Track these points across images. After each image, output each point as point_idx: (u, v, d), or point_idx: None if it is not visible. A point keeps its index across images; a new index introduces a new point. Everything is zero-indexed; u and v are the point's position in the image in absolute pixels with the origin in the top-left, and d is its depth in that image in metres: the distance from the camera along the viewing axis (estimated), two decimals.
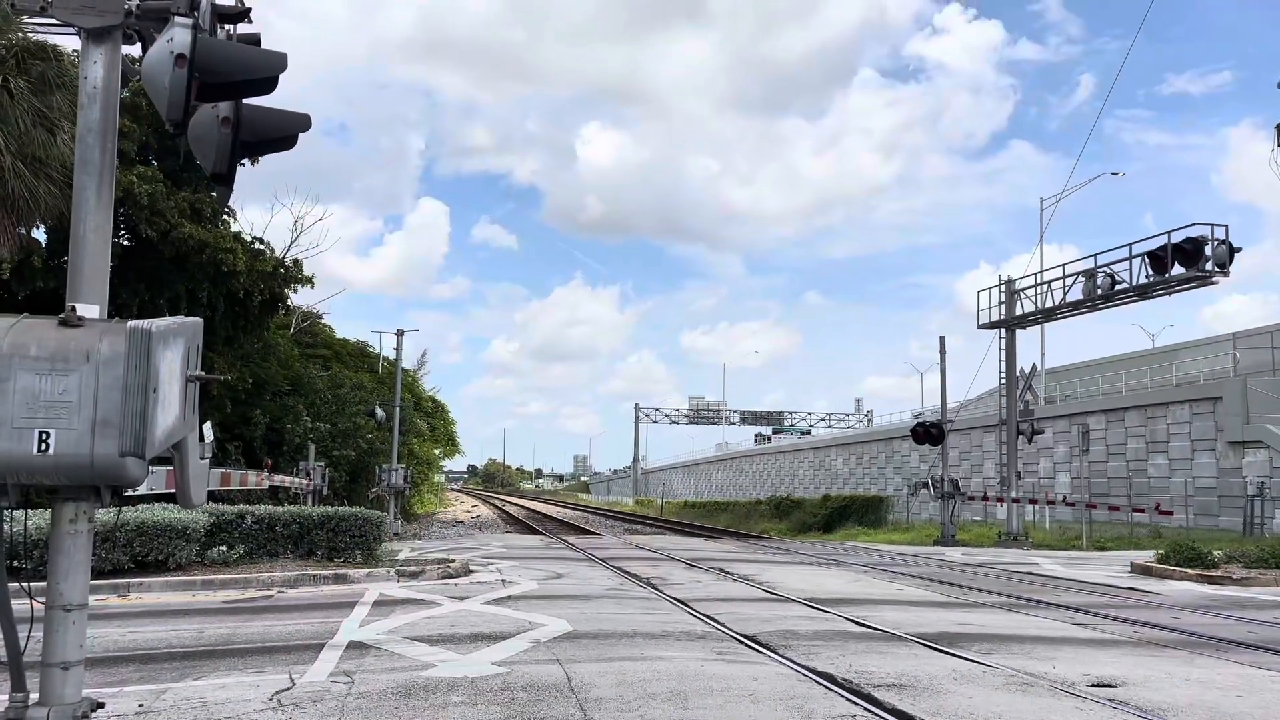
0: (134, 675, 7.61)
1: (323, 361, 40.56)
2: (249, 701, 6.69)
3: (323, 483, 26.93)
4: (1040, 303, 30.80)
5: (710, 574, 17.06)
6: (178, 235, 23.65)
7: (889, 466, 59.81)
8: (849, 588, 15.22)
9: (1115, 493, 37.99)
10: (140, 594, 12.71)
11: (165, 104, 3.94)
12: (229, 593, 13.03)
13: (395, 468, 33.61)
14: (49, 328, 3.90)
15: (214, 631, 9.83)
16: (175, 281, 24.30)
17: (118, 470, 3.76)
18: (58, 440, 3.76)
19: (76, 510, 4.07)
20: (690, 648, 9.02)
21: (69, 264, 4.31)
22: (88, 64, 4.24)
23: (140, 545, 13.49)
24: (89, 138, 4.27)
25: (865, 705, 6.75)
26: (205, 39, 4.01)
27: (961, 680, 7.69)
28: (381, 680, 7.37)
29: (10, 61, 16.79)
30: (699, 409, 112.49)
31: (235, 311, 26.45)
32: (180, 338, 3.92)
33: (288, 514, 15.67)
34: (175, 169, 25.65)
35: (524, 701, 6.68)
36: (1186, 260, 24.75)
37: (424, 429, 54.55)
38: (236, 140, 4.49)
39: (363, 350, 48.59)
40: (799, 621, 10.98)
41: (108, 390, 3.77)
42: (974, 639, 9.91)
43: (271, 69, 4.19)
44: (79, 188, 4.30)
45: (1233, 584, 16.75)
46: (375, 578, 14.49)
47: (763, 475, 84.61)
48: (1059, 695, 7.23)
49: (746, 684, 7.36)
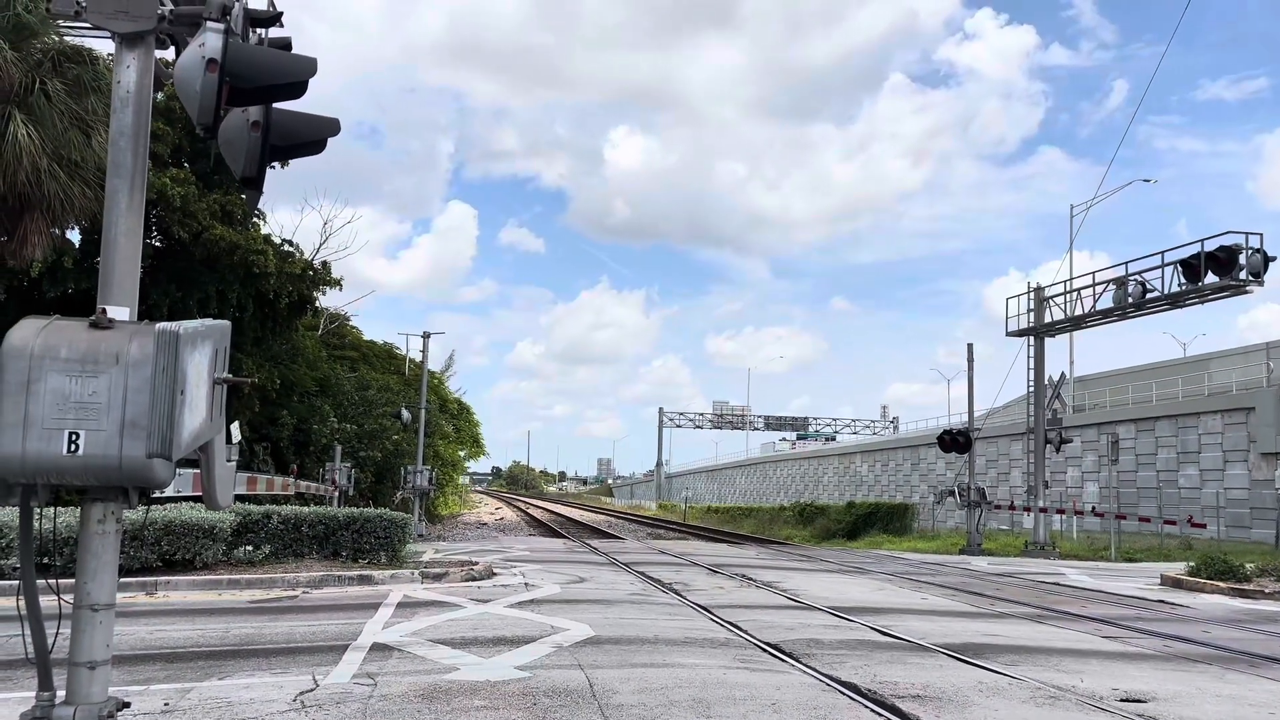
0: (160, 674, 7.66)
1: (350, 363, 40.81)
2: (273, 702, 6.72)
3: (349, 484, 27.08)
4: (1070, 310, 30.52)
5: (733, 580, 17.00)
6: (209, 237, 23.88)
7: (914, 474, 59.43)
8: (873, 596, 15.12)
9: (1145, 503, 37.54)
10: (167, 592, 12.82)
11: (196, 108, 3.97)
12: (254, 592, 13.11)
13: (420, 469, 33.76)
14: (80, 329, 3.93)
15: (239, 631, 9.89)
16: (206, 282, 24.54)
17: (145, 472, 3.79)
18: (87, 441, 3.79)
19: (105, 511, 4.10)
20: (713, 655, 8.98)
21: (100, 266, 4.35)
22: (121, 69, 4.27)
23: (168, 544, 13.61)
24: (121, 141, 4.30)
25: (889, 716, 6.69)
26: (236, 44, 4.04)
27: (987, 693, 7.60)
28: (404, 683, 7.38)
29: (47, 65, 17.01)
30: (723, 414, 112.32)
31: (264, 313, 26.68)
32: (208, 340, 3.94)
33: (313, 515, 15.76)
34: (207, 171, 25.91)
35: (546, 706, 6.67)
36: (1220, 269, 24.45)
37: (449, 431, 54.81)
38: (266, 144, 4.51)
39: (390, 352, 48.88)
40: (823, 630, 10.91)
41: (136, 392, 3.79)
42: (1000, 650, 9.81)
43: (301, 74, 4.21)
44: (111, 191, 4.34)
45: (1266, 598, 16.50)
46: (399, 579, 14.54)
47: (787, 481, 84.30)
48: (1087, 710, 7.13)
49: (769, 693, 7.31)
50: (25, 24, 16.73)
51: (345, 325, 44.65)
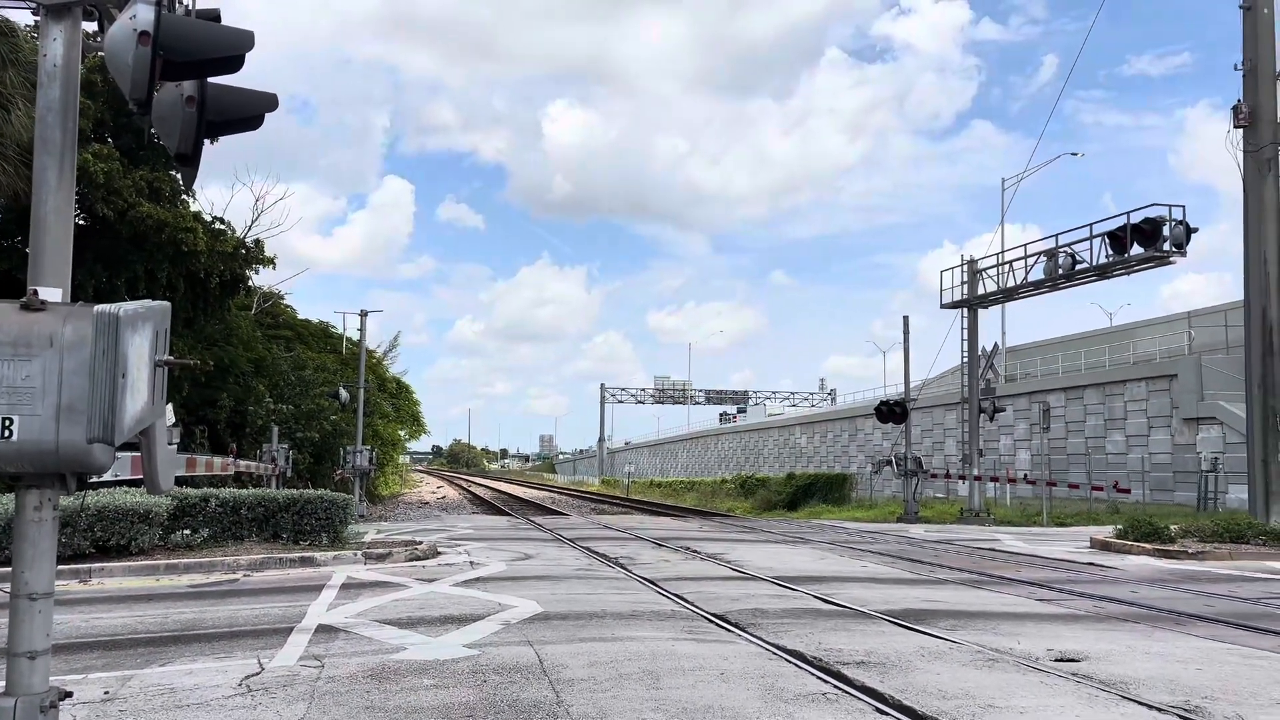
0: (98, 662, 7.51)
1: (285, 343, 40.12)
2: (217, 687, 6.63)
3: (287, 465, 26.69)
4: (1002, 282, 31.12)
5: (678, 553, 17.14)
6: (136, 215, 23.24)
7: (852, 445, 60.35)
8: (815, 565, 15.36)
9: (1075, 469, 38.59)
10: (102, 579, 12.55)
11: (129, 83, 3.85)
12: (193, 576, 12.90)
13: (360, 449, 33.39)
14: (10, 311, 3.81)
15: (179, 616, 9.73)
16: (134, 262, 23.89)
17: (84, 457, 3.70)
18: (21, 427, 3.69)
19: (41, 498, 3.99)
20: (661, 627, 9.06)
21: (30, 246, 4.22)
22: (47, 41, 4.13)
23: (101, 530, 13.31)
24: (49, 117, 4.17)
25: (835, 683, 6.82)
26: (170, 16, 3.92)
27: (929, 657, 7.79)
28: (351, 664, 7.34)
29: None
30: (665, 389, 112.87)
31: (195, 293, 26.08)
32: (149, 322, 3.85)
33: (252, 497, 15.52)
34: (132, 147, 25.16)
35: (496, 684, 6.68)
36: (1145, 240, 25.10)
37: (388, 410, 54.24)
38: (202, 120, 4.40)
39: (326, 331, 48.14)
40: (767, 600, 11.07)
41: (72, 375, 3.70)
42: (940, 616, 10.04)
43: (238, 47, 4.10)
44: (39, 169, 4.20)
45: (1189, 558, 17.10)
46: (342, 560, 14.41)
47: (728, 454, 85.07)
48: (1024, 671, 7.34)
49: (717, 663, 7.41)
50: None
51: (279, 304, 43.85)
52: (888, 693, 6.53)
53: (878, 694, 6.52)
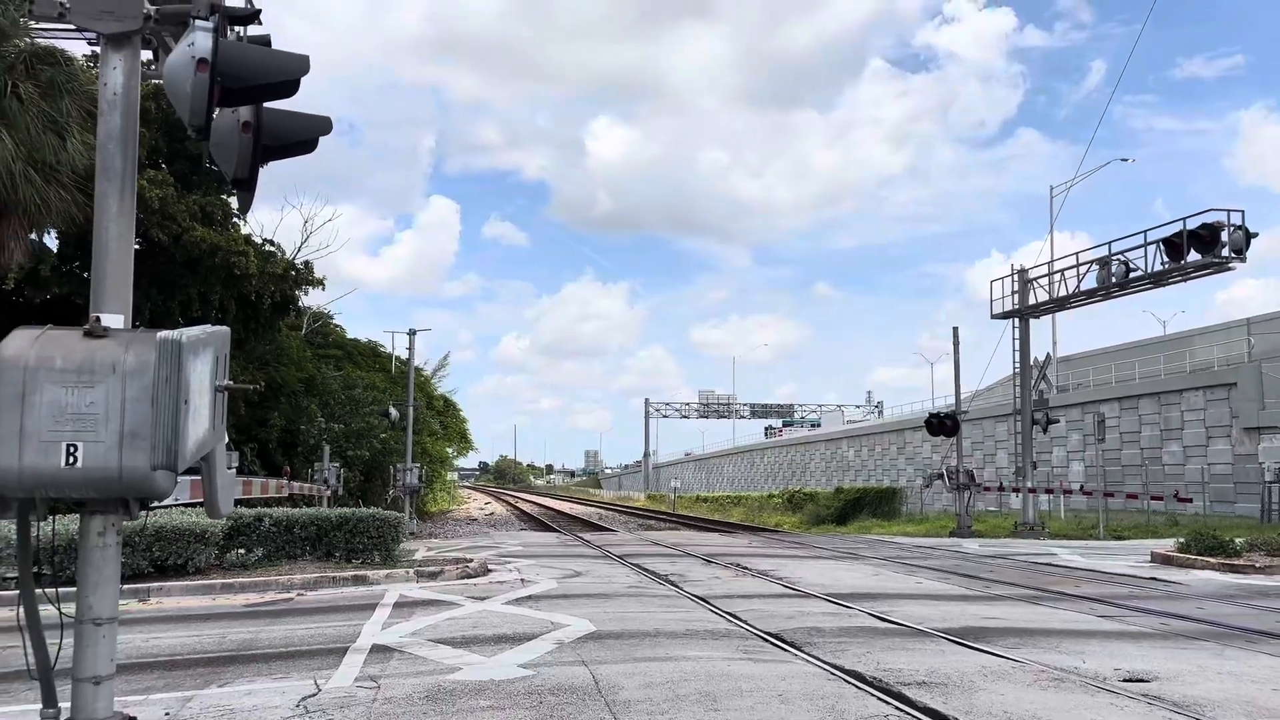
0: (159, 682, 7.57)
1: (335, 362, 40.58)
2: (276, 708, 6.65)
3: (338, 483, 26.93)
4: (1053, 292, 30.62)
5: (728, 570, 16.99)
6: (189, 239, 23.66)
7: (901, 458, 59.67)
8: (869, 582, 15.14)
9: (1130, 481, 37.79)
10: (161, 599, 12.69)
11: (187, 110, 3.88)
12: (249, 596, 13.00)
13: (410, 467, 33.61)
14: (74, 339, 3.84)
15: (236, 636, 9.80)
16: (187, 285, 24.32)
17: (147, 483, 3.71)
18: (85, 453, 3.71)
19: (105, 523, 4.02)
20: (715, 647, 8.95)
21: (92, 273, 4.26)
22: (107, 70, 4.17)
23: (159, 549, 13.48)
24: (110, 145, 4.21)
25: (897, 705, 6.68)
26: (227, 43, 3.95)
27: (992, 677, 7.60)
28: (407, 685, 7.32)
29: (19, 67, 16.76)
30: (709, 403, 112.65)
31: (247, 314, 26.48)
32: (210, 347, 3.86)
33: (305, 516, 15.65)
34: (185, 172, 25.65)
35: (552, 705, 6.63)
36: (1202, 246, 24.55)
37: (436, 428, 54.61)
38: (258, 145, 4.42)
39: (374, 350, 48.63)
40: (822, 618, 10.91)
41: (135, 402, 3.71)
42: (1000, 633, 9.83)
43: (293, 72, 4.12)
44: (100, 195, 4.24)
45: (1256, 572, 16.62)
46: (394, 579, 14.46)
47: (774, 468, 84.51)
48: (1092, 691, 7.14)
49: (775, 684, 7.29)
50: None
51: (329, 324, 44.40)
52: (951, 715, 6.38)
53: (941, 716, 6.36)
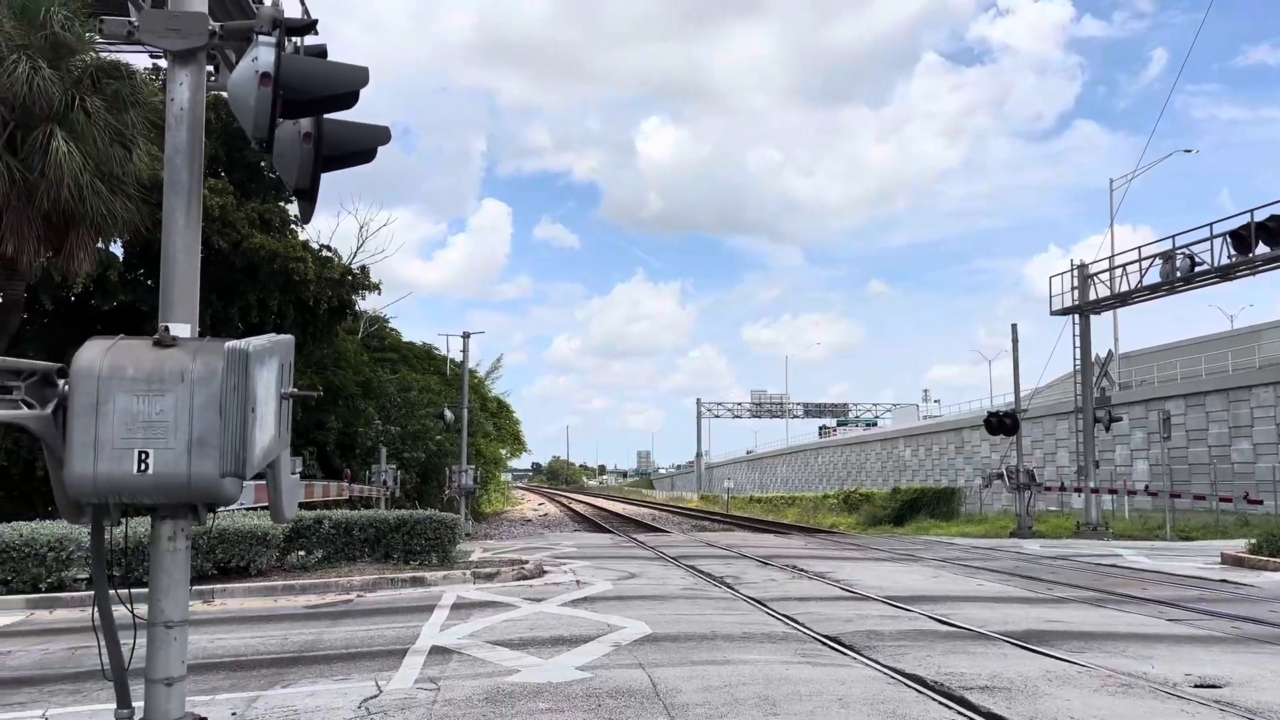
0: (225, 683, 7.72)
1: (391, 365, 41.09)
2: (338, 709, 6.75)
3: (395, 485, 27.27)
4: (1115, 287, 30.03)
5: (784, 571, 16.90)
6: (249, 245, 24.10)
7: (959, 457, 58.88)
8: (928, 584, 14.96)
9: (1197, 480, 36.90)
10: (224, 600, 12.95)
11: (251, 123, 3.96)
12: (310, 597, 13.21)
13: (465, 468, 33.91)
14: (144, 348, 3.93)
15: (298, 637, 9.96)
16: (247, 291, 24.76)
17: (215, 489, 3.79)
18: (156, 460, 3.80)
19: (175, 528, 4.11)
20: (773, 650, 8.91)
21: (161, 283, 4.35)
22: (174, 86, 4.27)
23: (222, 552, 13.75)
24: (177, 159, 4.30)
25: (960, 709, 6.59)
26: (289, 56, 4.02)
27: (1056, 682, 7.47)
28: (467, 687, 7.38)
29: (85, 82, 17.20)
30: (761, 402, 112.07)
31: (305, 319, 26.88)
32: (275, 356, 3.93)
33: (364, 518, 15.86)
34: (244, 180, 26.14)
35: (611, 708, 6.64)
36: (1271, 239, 23.89)
37: (490, 429, 55.08)
38: (319, 155, 4.49)
39: (429, 353, 49.14)
40: (881, 621, 10.80)
41: (202, 409, 3.79)
42: (1064, 637, 9.65)
43: (353, 84, 4.18)
44: (168, 209, 4.34)
45: None
46: (451, 580, 14.60)
47: (829, 468, 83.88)
48: (1161, 697, 6.98)
49: (835, 688, 7.23)
50: (63, 42, 16.92)
51: (385, 328, 44.95)
52: None
53: None
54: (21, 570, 12.63)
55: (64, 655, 9.15)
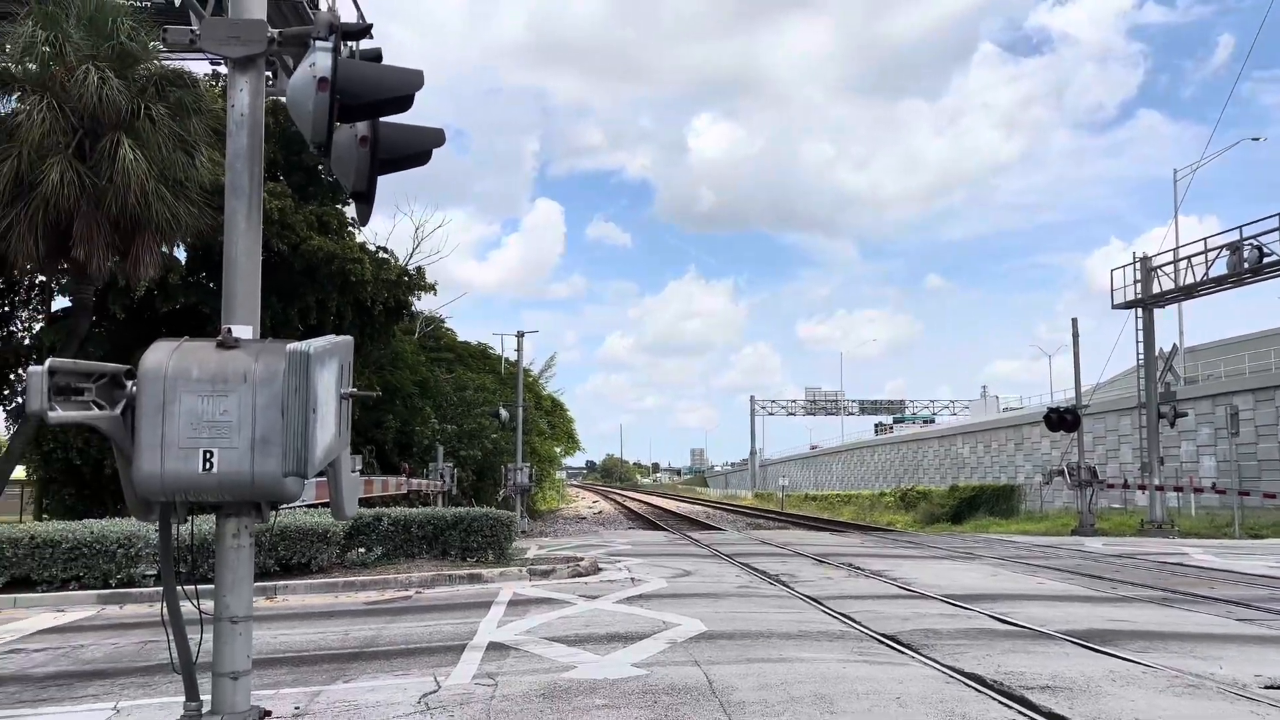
0: (288, 678, 7.87)
1: (447, 364, 41.52)
2: (398, 704, 6.84)
3: (451, 482, 27.56)
4: (1179, 280, 29.35)
5: (840, 570, 16.78)
6: (307, 248, 24.49)
7: (1019, 454, 57.94)
8: (987, 582, 14.76)
9: (1269, 476, 35.91)
10: (286, 596, 13.19)
11: (309, 127, 4.03)
12: (369, 594, 13.41)
13: (520, 466, 34.15)
14: (208, 350, 4.03)
15: (359, 633, 10.11)
16: (305, 292, 25.16)
17: (278, 487, 3.87)
18: (220, 459, 3.89)
19: (238, 525, 4.20)
20: (829, 648, 8.86)
21: (223, 286, 4.45)
22: (234, 92, 4.36)
23: (284, 549, 14.01)
24: (238, 164, 4.40)
25: (1020, 709, 6.49)
26: (346, 61, 4.09)
27: (1121, 682, 7.33)
28: (524, 682, 7.45)
29: (150, 90, 17.61)
30: (816, 399, 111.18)
31: (362, 320, 27.27)
32: (335, 357, 4.00)
33: (422, 515, 16.06)
34: (302, 183, 26.59)
35: (667, 705, 6.65)
36: None
37: (544, 427, 55.40)
38: (375, 159, 4.56)
39: (484, 352, 49.56)
40: (939, 619, 10.68)
41: (265, 409, 3.87)
42: (1128, 636, 9.46)
43: (408, 87, 4.24)
44: (230, 212, 4.43)
45: None
46: (508, 577, 14.72)
47: (885, 466, 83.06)
48: (1230, 699, 6.82)
49: (892, 686, 7.17)
50: (129, 51, 17.35)
51: (440, 328, 45.42)
52: None
53: None
54: (93, 567, 12.99)
55: (134, 649, 9.39)
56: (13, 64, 17.28)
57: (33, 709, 7.05)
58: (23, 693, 7.60)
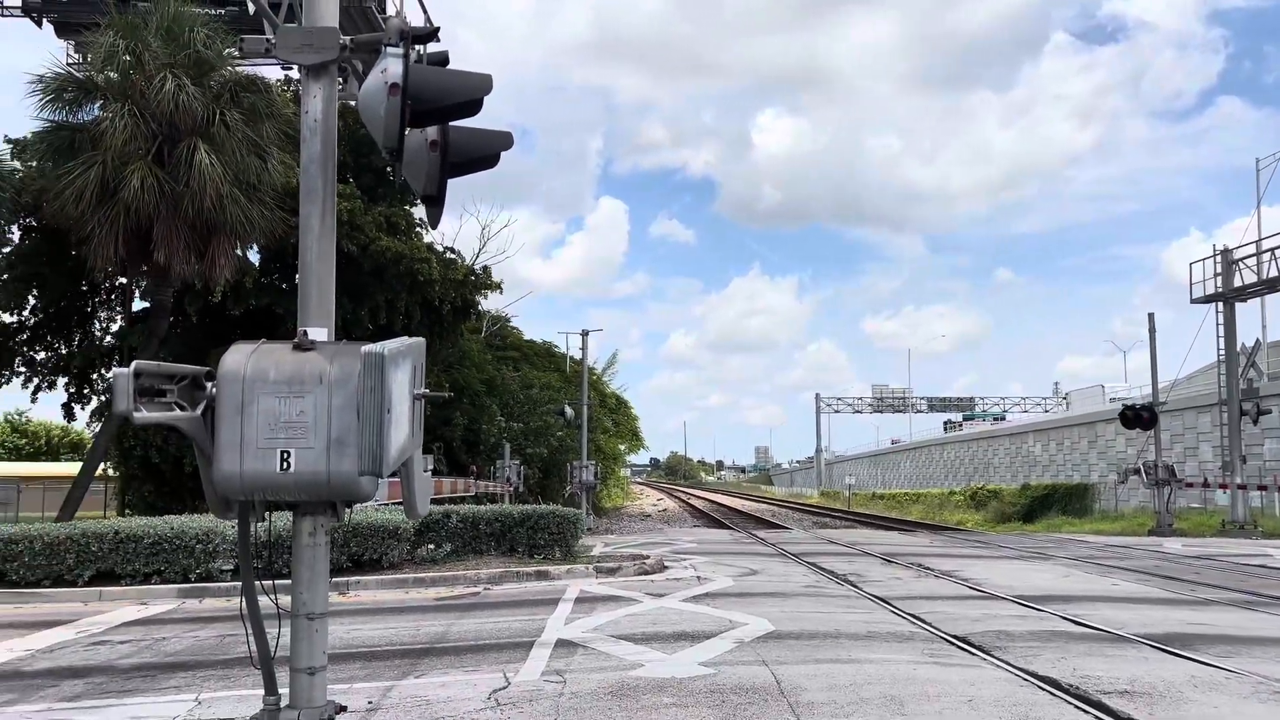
0: (360, 672, 8.02)
1: (512, 363, 41.90)
2: (468, 700, 6.92)
3: (519, 480, 27.81)
4: (1262, 273, 28.45)
5: (909, 570, 16.57)
6: (376, 248, 24.89)
7: (1092, 452, 56.60)
8: (1060, 583, 14.46)
9: None
10: (358, 592, 13.43)
11: (381, 132, 4.10)
12: (439, 590, 13.59)
13: (586, 464, 34.33)
14: (285, 352, 4.12)
15: (429, 629, 10.26)
16: (375, 292, 25.57)
17: (353, 487, 3.94)
18: (297, 459, 3.97)
19: (314, 524, 4.29)
20: (899, 649, 8.75)
21: (299, 289, 4.55)
22: (308, 99, 4.45)
23: (356, 545, 14.27)
24: (311, 168, 4.49)
25: (1097, 714, 6.35)
26: (417, 67, 4.15)
27: (1203, 688, 7.13)
28: (592, 680, 7.48)
29: (225, 96, 18.07)
30: (883, 397, 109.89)
31: (430, 319, 27.63)
32: (408, 358, 4.07)
33: (490, 513, 16.23)
34: (371, 185, 27.02)
35: (735, 704, 6.64)
36: None
37: (609, 425, 55.63)
38: (445, 162, 4.62)
39: (549, 350, 49.92)
40: (1011, 621, 10.49)
41: (340, 410, 3.95)
42: (1209, 640, 9.20)
43: (477, 92, 4.29)
44: (304, 217, 4.53)
45: None
46: (574, 574, 14.81)
47: (954, 464, 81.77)
48: None
49: (964, 689, 7.06)
50: (204, 59, 17.83)
51: (506, 326, 45.84)
52: None
53: None
54: (173, 561, 13.37)
55: (213, 642, 9.64)
56: (96, 73, 17.85)
57: (119, 699, 7.28)
58: (109, 683, 7.85)
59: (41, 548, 13.24)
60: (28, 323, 24.65)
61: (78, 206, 16.99)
